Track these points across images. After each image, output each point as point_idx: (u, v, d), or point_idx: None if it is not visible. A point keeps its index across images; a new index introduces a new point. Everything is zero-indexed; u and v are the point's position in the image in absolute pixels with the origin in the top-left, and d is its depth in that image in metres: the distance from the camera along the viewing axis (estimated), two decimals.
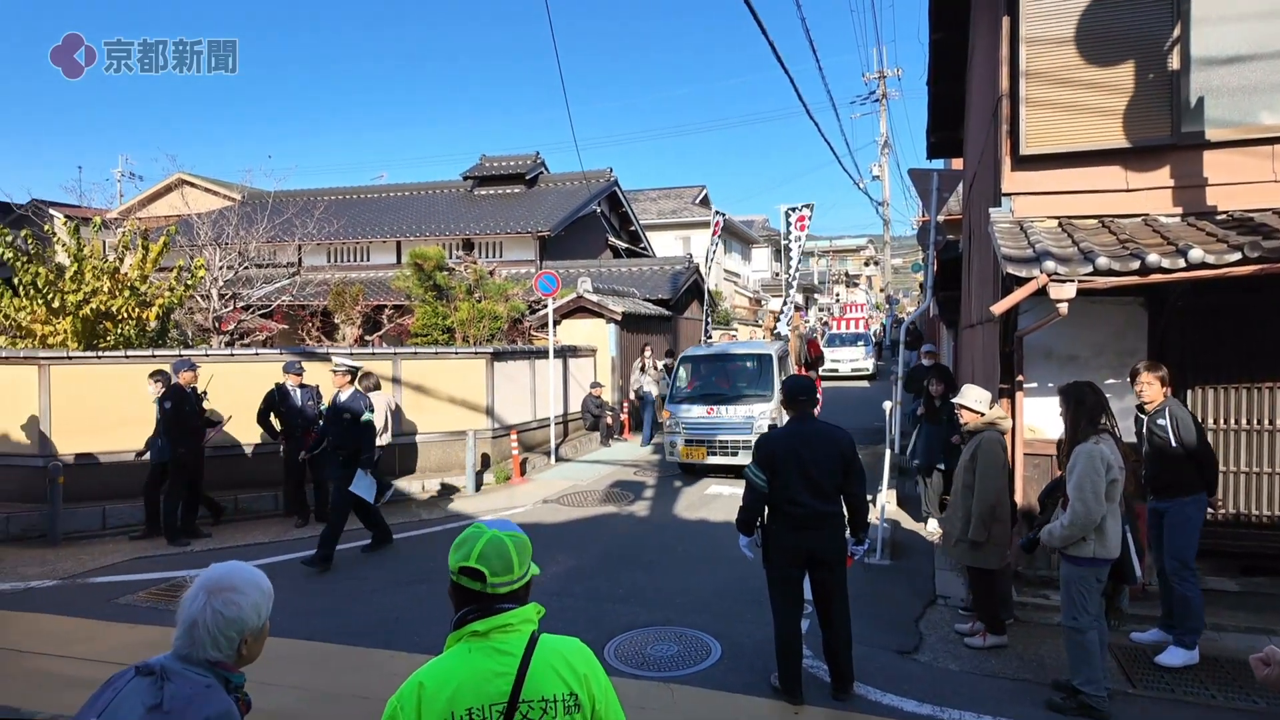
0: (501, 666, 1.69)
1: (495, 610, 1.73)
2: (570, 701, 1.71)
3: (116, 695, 1.71)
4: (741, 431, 10.06)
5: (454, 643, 1.76)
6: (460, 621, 1.75)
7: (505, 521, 1.87)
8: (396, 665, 4.87)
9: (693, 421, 10.34)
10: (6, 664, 4.99)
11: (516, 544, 1.79)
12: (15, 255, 8.83)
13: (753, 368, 10.93)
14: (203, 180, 25.08)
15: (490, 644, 1.71)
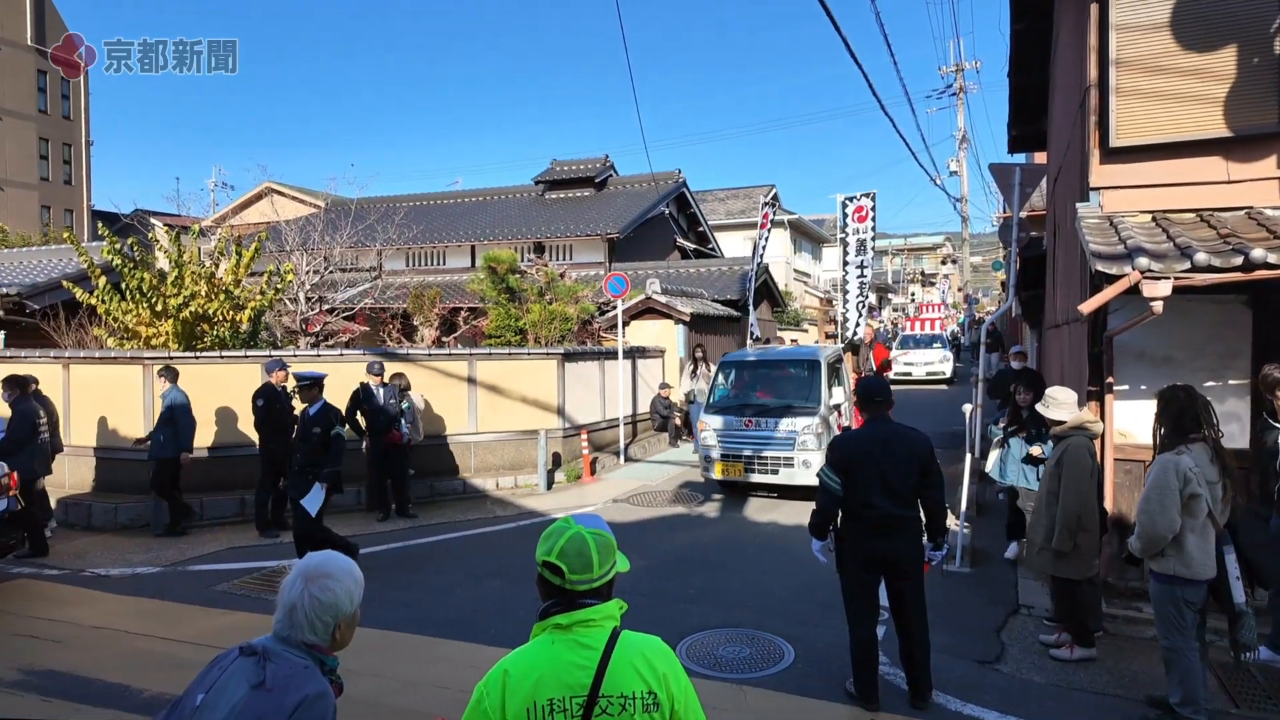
0: (583, 660, 1.72)
1: (578, 605, 1.77)
2: (649, 700, 1.73)
3: (223, 674, 1.84)
4: (783, 447, 8.92)
5: (538, 633, 1.81)
6: (545, 613, 1.80)
7: (594, 518, 1.90)
8: (474, 658, 5.01)
9: (729, 435, 9.29)
10: (117, 643, 5.34)
11: (599, 542, 1.82)
12: (123, 262, 9.43)
13: (798, 376, 9.67)
14: (289, 189, 26.24)
15: (573, 637, 1.75)
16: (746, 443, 9.12)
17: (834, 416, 9.19)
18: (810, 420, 8.91)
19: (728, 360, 10.38)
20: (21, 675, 4.76)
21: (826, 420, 8.92)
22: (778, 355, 10.43)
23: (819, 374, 9.34)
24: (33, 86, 32.97)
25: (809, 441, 8.81)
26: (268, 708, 1.72)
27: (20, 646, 5.24)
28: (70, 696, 4.49)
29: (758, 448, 9.04)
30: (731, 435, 9.26)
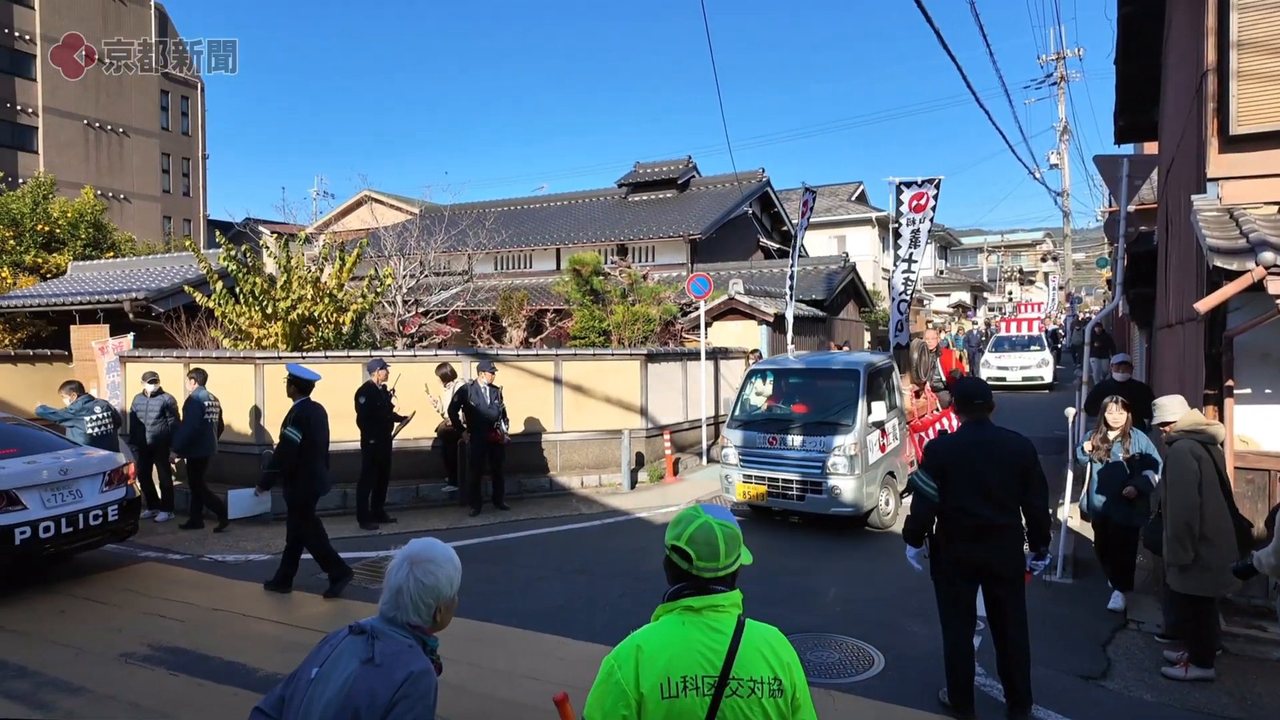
0: (714, 642, 1.81)
1: (709, 590, 1.87)
2: (774, 685, 1.82)
3: (334, 650, 2.00)
4: (809, 470, 7.68)
5: (665, 613, 1.90)
6: (675, 595, 1.89)
7: (722, 510, 1.98)
8: (563, 650, 5.13)
9: (750, 453, 8.16)
10: (233, 625, 5.73)
11: (726, 534, 1.91)
12: (237, 267, 10.08)
13: (833, 388, 8.36)
14: (387, 196, 27.38)
15: (704, 620, 1.84)
16: (769, 463, 7.98)
17: (875, 436, 7.89)
18: (843, 440, 7.62)
19: (756, 369, 9.15)
20: (151, 651, 5.17)
21: (864, 440, 7.67)
22: (812, 364, 9.02)
23: (857, 387, 7.96)
24: (156, 106, 35.58)
25: (839, 464, 7.54)
26: (377, 681, 1.86)
27: (149, 625, 5.69)
28: (193, 672, 4.85)
29: (781, 469, 7.90)
30: (753, 454, 8.13)
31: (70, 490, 6.57)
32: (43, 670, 4.84)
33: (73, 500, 6.55)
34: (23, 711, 4.34)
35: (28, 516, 6.17)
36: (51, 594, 6.37)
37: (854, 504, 7.51)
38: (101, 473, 6.88)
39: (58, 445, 7.11)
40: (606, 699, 1.79)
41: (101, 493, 6.80)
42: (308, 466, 6.43)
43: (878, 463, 7.88)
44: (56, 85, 31.79)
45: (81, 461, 6.83)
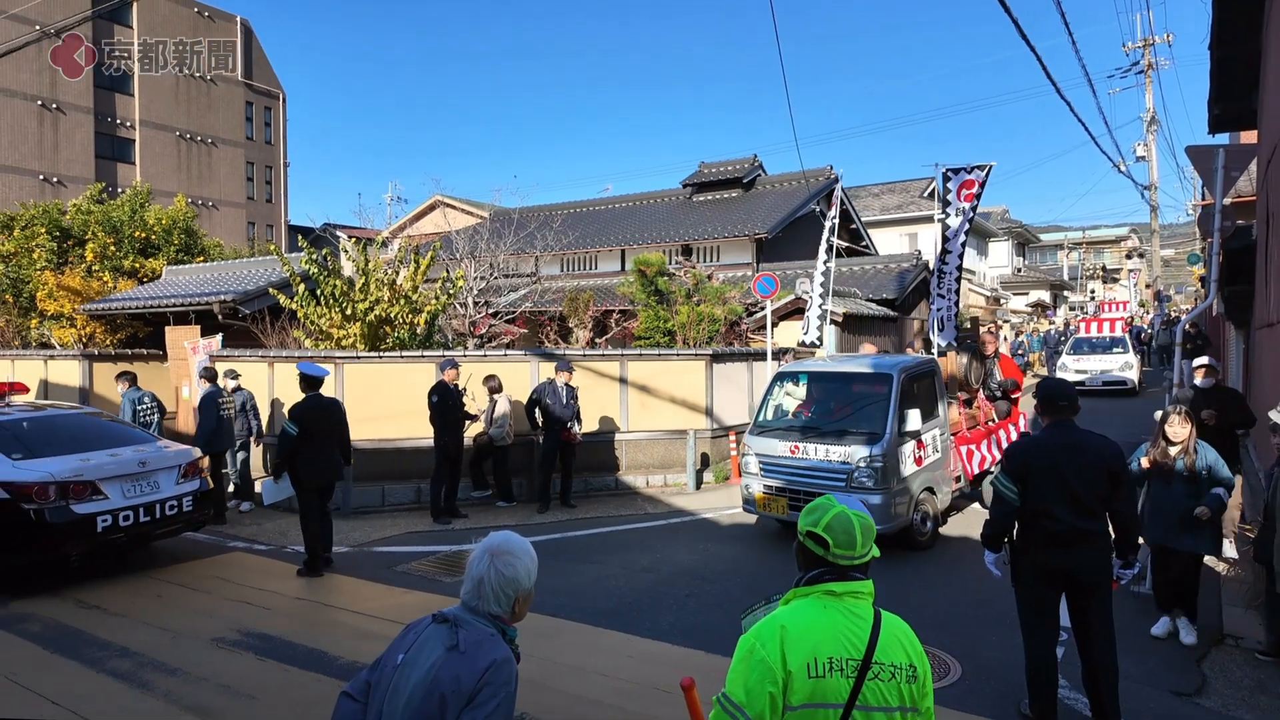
0: (856, 628, 1.89)
1: (850, 577, 1.95)
2: (910, 672, 1.90)
3: (418, 637, 2.07)
4: (832, 482, 7.03)
5: (800, 597, 1.98)
6: (814, 580, 1.98)
7: (854, 500, 2.06)
8: (631, 648, 5.17)
9: (771, 462, 7.54)
10: (315, 614, 5.96)
11: (862, 524, 1.99)
12: (319, 270, 10.49)
13: (864, 394, 7.69)
14: (457, 200, 28.05)
15: (845, 605, 1.92)
16: (790, 474, 7.37)
17: (909, 446, 7.17)
18: (870, 450, 6.93)
19: (783, 372, 8.52)
20: (240, 636, 5.43)
21: (895, 451, 6.98)
22: (842, 367, 8.33)
23: (890, 393, 7.22)
24: (241, 117, 37.33)
25: (864, 478, 6.88)
26: (462, 668, 1.93)
27: (238, 611, 5.97)
28: (279, 658, 5.07)
29: (803, 481, 7.25)
30: (775, 463, 7.52)
31: (149, 481, 6.94)
32: (143, 651, 5.14)
33: (150, 491, 6.91)
34: (125, 690, 4.62)
35: (109, 506, 6.54)
36: (149, 580, 6.76)
37: (883, 521, 6.65)
38: (177, 465, 7.26)
39: (139, 439, 7.55)
40: (750, 676, 1.85)
41: (177, 484, 7.17)
42: (305, 456, 6.87)
43: (912, 476, 7.14)
44: (152, 99, 33.69)
45: (159, 454, 7.21)
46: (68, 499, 6.35)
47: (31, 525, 6.20)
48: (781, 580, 6.34)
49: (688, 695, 2.20)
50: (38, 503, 6.22)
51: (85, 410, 8.42)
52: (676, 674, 4.74)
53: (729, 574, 6.77)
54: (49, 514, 6.25)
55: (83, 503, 6.41)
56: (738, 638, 1.99)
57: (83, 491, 6.44)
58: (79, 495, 6.40)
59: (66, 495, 6.35)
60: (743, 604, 3.39)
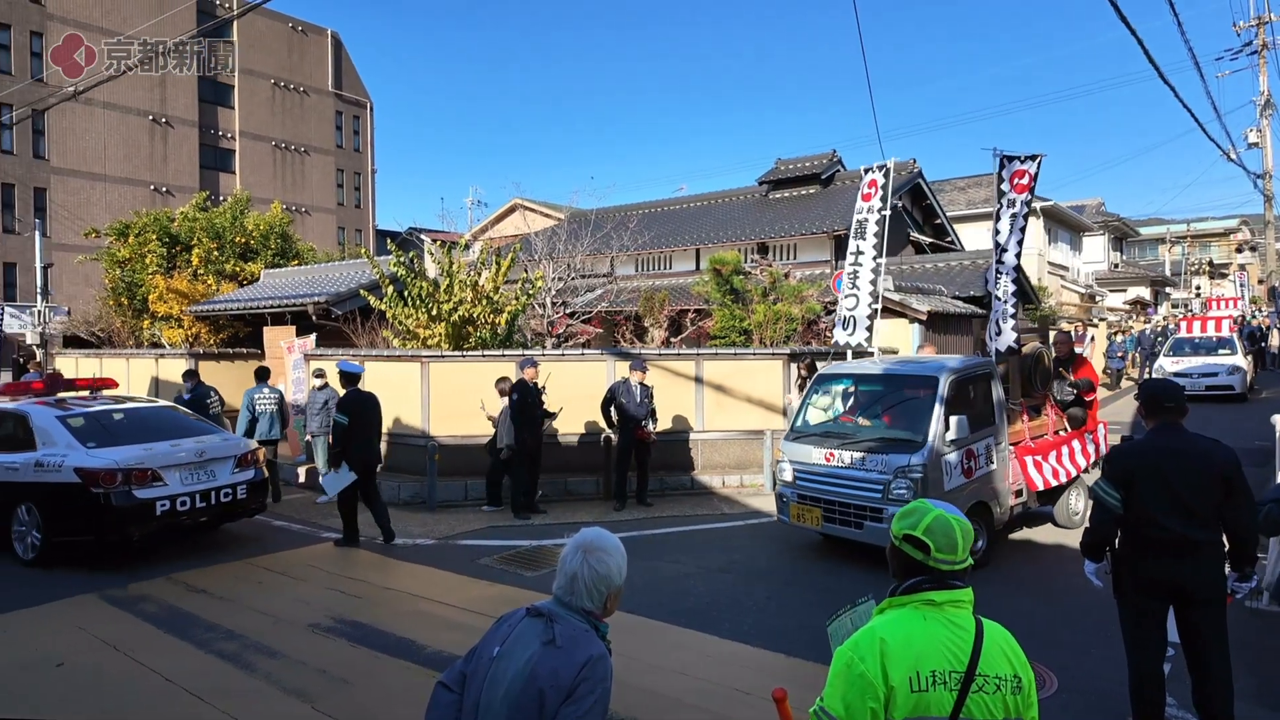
0: (958, 638, 1.84)
1: (950, 584, 1.89)
2: (1014, 684, 1.84)
3: (512, 630, 2.11)
4: (869, 493, 6.55)
5: (897, 606, 1.93)
6: (911, 588, 1.92)
7: (950, 505, 1.98)
8: (711, 648, 5.15)
9: (806, 470, 7.10)
10: (404, 604, 6.17)
11: (963, 528, 1.92)
12: (406, 273, 10.87)
13: (906, 399, 7.18)
14: (535, 203, 28.58)
15: (945, 615, 1.86)
16: (825, 482, 6.93)
17: (956, 456, 6.58)
18: (909, 460, 6.41)
19: (824, 374, 8.05)
20: (334, 623, 5.67)
21: (937, 461, 6.43)
22: (886, 370, 7.77)
23: (934, 398, 6.67)
24: (332, 126, 39.02)
25: (901, 489, 6.36)
26: (559, 662, 1.95)
27: (332, 599, 6.24)
28: (371, 645, 5.27)
29: (837, 491, 6.81)
30: (809, 472, 7.09)
31: (206, 470, 7.49)
32: (246, 634, 5.43)
33: (207, 479, 7.45)
34: (230, 670, 4.89)
35: (167, 491, 7.10)
36: (251, 567, 7.14)
37: None
38: (234, 456, 7.79)
39: (204, 431, 8.12)
40: (850, 691, 1.82)
41: (233, 474, 7.68)
42: (358, 443, 7.67)
43: (958, 489, 6.50)
44: (250, 111, 35.57)
45: (216, 445, 7.76)
46: (131, 484, 6.93)
47: (99, 507, 6.83)
48: (865, 586, 6.20)
49: (780, 706, 2.17)
50: (105, 487, 6.84)
51: (161, 404, 9.18)
52: (757, 676, 4.74)
53: (810, 577, 6.67)
54: (114, 498, 6.86)
55: (144, 488, 6.99)
56: (821, 643, 1.96)
57: (144, 478, 7.02)
58: (141, 481, 6.99)
59: (130, 481, 6.94)
60: (825, 609, 3.33)
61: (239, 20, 33.04)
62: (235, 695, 4.53)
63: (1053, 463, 7.51)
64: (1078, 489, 7.97)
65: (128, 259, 18.34)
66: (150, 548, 7.40)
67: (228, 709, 4.35)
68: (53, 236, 25.86)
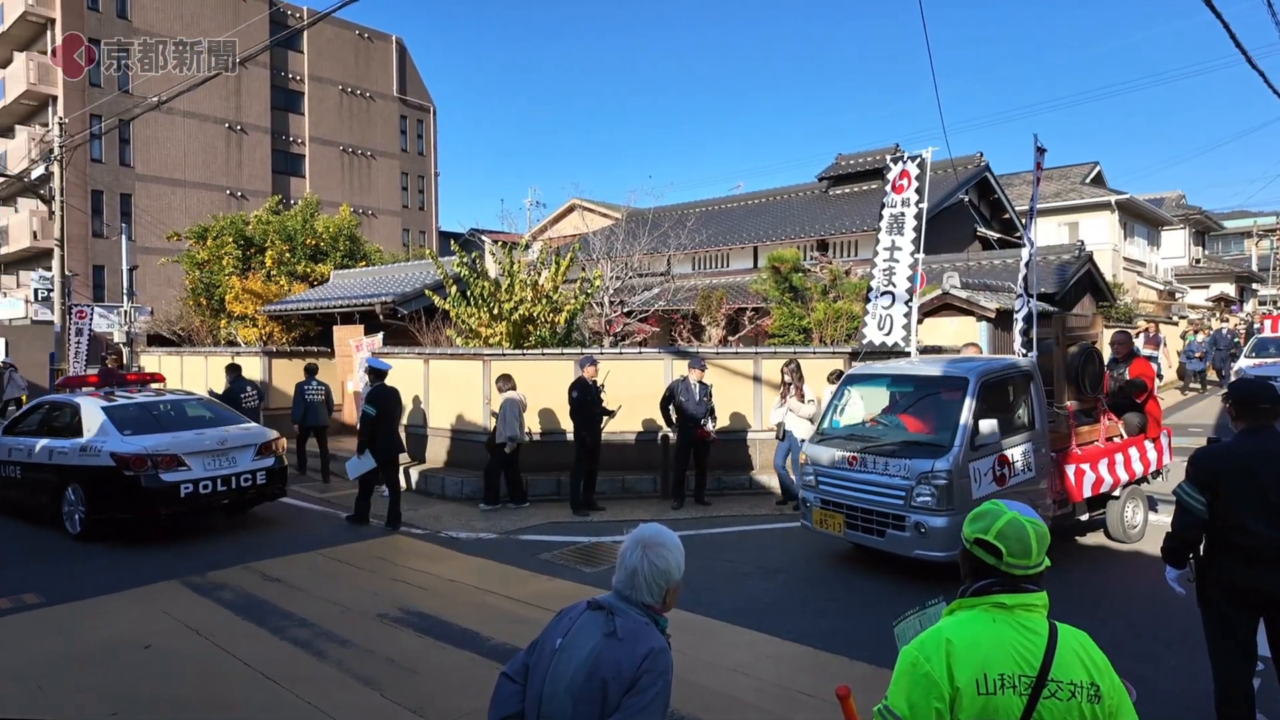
0: (1029, 642, 1.79)
1: (1022, 588, 1.85)
2: (1092, 691, 1.77)
3: (574, 623, 2.14)
4: (890, 499, 6.24)
5: (967, 608, 1.89)
6: (982, 590, 1.88)
7: (1025, 507, 1.94)
8: (769, 648, 5.12)
9: (829, 474, 6.78)
10: (467, 596, 6.30)
11: (1038, 532, 1.88)
12: (469, 273, 11.09)
13: (933, 400, 6.80)
14: (593, 203, 28.79)
15: (1016, 618, 1.82)
16: (847, 487, 6.62)
17: (987, 463, 6.19)
18: (933, 465, 6.06)
19: (852, 376, 7.69)
20: (401, 613, 5.83)
21: (965, 468, 6.06)
22: (916, 371, 7.34)
23: (963, 400, 6.27)
24: (396, 130, 40.03)
25: (925, 496, 6.05)
26: (621, 655, 1.98)
27: (398, 590, 6.41)
28: (436, 635, 5.40)
29: (859, 497, 6.51)
30: (831, 476, 6.76)
31: (227, 457, 8.23)
32: (319, 622, 5.63)
33: (228, 465, 8.19)
34: (304, 656, 5.08)
35: (190, 475, 7.85)
36: (321, 558, 7.39)
37: (946, 548, 5.89)
38: (254, 444, 8.49)
39: (231, 421, 8.92)
40: (914, 691, 1.80)
41: (253, 461, 8.38)
42: (384, 433, 8.43)
43: (989, 498, 6.30)
44: (319, 118, 36.75)
45: (237, 434, 8.49)
46: (158, 469, 7.74)
47: (131, 488, 7.69)
48: (928, 590, 6.07)
49: (844, 704, 2.15)
50: (135, 470, 7.66)
51: (196, 397, 9.93)
52: (817, 677, 4.69)
53: (869, 580, 6.56)
54: (144, 480, 7.67)
55: (170, 472, 7.78)
56: (881, 647, 1.93)
57: (170, 463, 7.80)
58: (167, 466, 7.79)
59: (157, 465, 7.74)
60: (886, 611, 3.27)
61: (308, 30, 34.19)
62: (309, 681, 4.71)
63: (1101, 471, 6.97)
64: (1135, 500, 7.44)
65: (206, 261, 19.19)
66: (230, 537, 7.77)
67: (302, 694, 4.52)
68: (137, 240, 27.20)
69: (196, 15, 32.26)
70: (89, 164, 28.95)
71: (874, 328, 9.93)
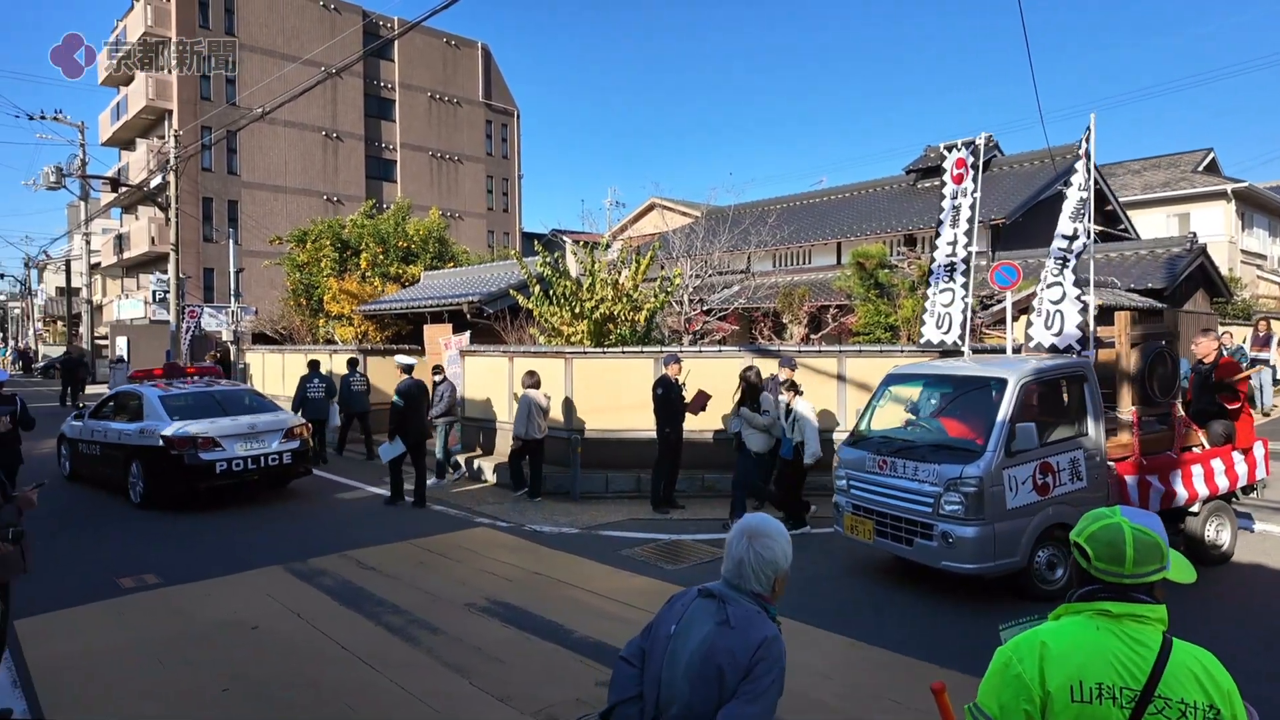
0: (1134, 654, 1.71)
1: (1131, 598, 1.76)
2: (1210, 714, 1.67)
3: (686, 609, 2.22)
4: (917, 506, 5.94)
5: (1071, 613, 1.82)
6: (1087, 596, 1.81)
7: (1144, 513, 1.85)
8: (854, 653, 5.04)
9: (860, 477, 6.52)
10: (551, 589, 6.41)
11: (1139, 539, 1.77)
12: (551, 272, 11.29)
13: (972, 402, 6.41)
14: (672, 201, 28.83)
15: (1122, 628, 1.74)
16: (878, 492, 6.33)
17: (1026, 470, 5.79)
18: (961, 471, 5.70)
19: (892, 375, 7.31)
20: (488, 604, 5.99)
21: (998, 475, 5.67)
22: (954, 371, 6.93)
23: (999, 403, 5.91)
24: (482, 135, 41.10)
25: (953, 503, 5.69)
26: (735, 642, 2.05)
27: (485, 581, 6.59)
28: (522, 626, 5.52)
29: (888, 502, 6.21)
30: (862, 480, 6.48)
31: (258, 440, 9.53)
32: (411, 610, 5.85)
33: (258, 447, 9.49)
34: (397, 642, 5.28)
35: (224, 455, 9.22)
36: (413, 548, 7.66)
37: (976, 559, 5.62)
38: (281, 429, 9.79)
39: (263, 409, 10.22)
40: (1004, 691, 1.76)
41: (280, 443, 9.67)
42: (412, 422, 9.44)
43: (1027, 508, 5.76)
44: (409, 124, 38.09)
45: (267, 420, 9.82)
46: (198, 449, 9.08)
47: (176, 465, 9.05)
48: (1014, 599, 5.82)
49: (939, 698, 2.12)
50: (180, 450, 9.03)
51: (244, 388, 11.42)
52: (905, 682, 4.57)
53: (967, 587, 6.33)
54: (187, 459, 9.03)
55: (208, 452, 9.13)
56: (970, 654, 1.87)
57: (208, 444, 9.14)
58: (205, 447, 9.13)
59: (197, 446, 9.08)
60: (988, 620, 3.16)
61: (399, 39, 35.47)
62: (402, 666, 4.89)
63: (1175, 484, 6.40)
64: (1219, 516, 6.73)
65: (305, 263, 20.18)
66: (326, 524, 8.13)
67: (396, 678, 4.70)
68: (243, 244, 28.84)
69: (297, 29, 33.95)
70: (200, 173, 30.88)
71: (932, 326, 9.48)
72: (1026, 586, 5.86)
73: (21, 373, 39.04)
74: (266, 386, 18.54)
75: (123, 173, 32.70)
